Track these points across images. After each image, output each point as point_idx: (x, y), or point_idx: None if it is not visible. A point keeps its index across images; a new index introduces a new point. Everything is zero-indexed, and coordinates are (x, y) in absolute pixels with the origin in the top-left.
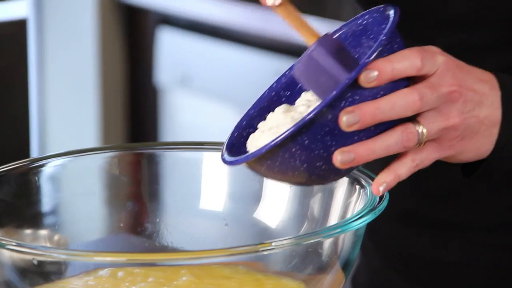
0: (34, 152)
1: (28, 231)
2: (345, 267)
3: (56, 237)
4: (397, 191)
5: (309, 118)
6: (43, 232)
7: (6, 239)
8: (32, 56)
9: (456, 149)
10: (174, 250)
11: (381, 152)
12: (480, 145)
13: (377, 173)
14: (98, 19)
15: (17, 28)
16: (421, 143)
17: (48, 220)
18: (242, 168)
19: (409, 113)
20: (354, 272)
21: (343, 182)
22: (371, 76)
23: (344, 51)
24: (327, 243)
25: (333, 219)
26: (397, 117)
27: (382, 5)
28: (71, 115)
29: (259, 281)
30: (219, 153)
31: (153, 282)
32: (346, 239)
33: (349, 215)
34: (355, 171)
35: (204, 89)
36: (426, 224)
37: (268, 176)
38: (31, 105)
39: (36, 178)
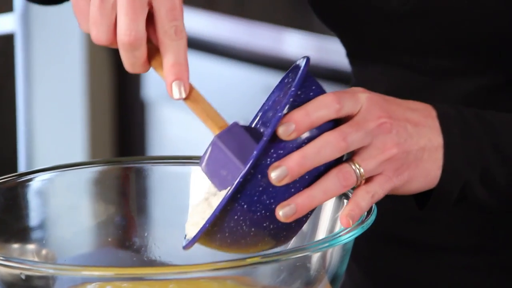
0: (22, 166)
1: (15, 246)
2: (333, 281)
3: (43, 252)
4: (379, 213)
5: (239, 181)
6: (30, 247)
7: None
8: (19, 70)
9: (405, 178)
10: (162, 264)
11: (321, 197)
12: (427, 171)
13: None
14: (85, 33)
15: (4, 42)
16: (361, 180)
17: (35, 234)
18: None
19: (337, 155)
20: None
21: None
22: (289, 129)
23: (257, 131)
24: (316, 257)
25: (321, 233)
26: (325, 161)
27: (299, 59)
28: (59, 129)
29: None
30: None
31: None
32: (334, 254)
33: (337, 229)
34: None
35: None
36: (403, 245)
37: (227, 250)
38: (19, 119)
39: (24, 193)
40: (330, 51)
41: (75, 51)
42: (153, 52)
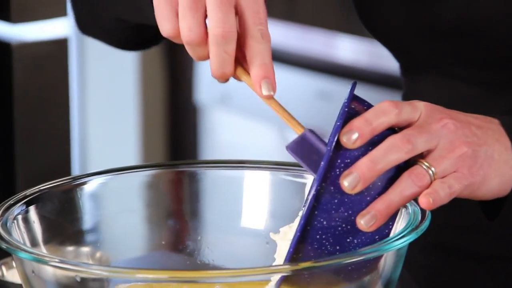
0: (76, 170)
1: (70, 248)
2: (386, 286)
3: (98, 254)
4: (432, 222)
5: (313, 196)
6: (85, 249)
7: (49, 255)
8: (73, 75)
9: (480, 176)
10: (215, 268)
11: (398, 199)
12: (501, 170)
13: None
14: None
15: (58, 46)
16: (433, 178)
17: (90, 237)
18: (284, 185)
19: (404, 157)
20: None
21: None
22: (353, 137)
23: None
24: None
25: None
26: (393, 163)
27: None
28: (112, 133)
29: None
30: (260, 172)
31: None
32: (388, 259)
33: (391, 235)
34: None
35: (243, 107)
36: (457, 255)
37: (315, 283)
38: (72, 123)
39: (78, 196)
40: (382, 56)
41: (128, 55)
42: (236, 60)
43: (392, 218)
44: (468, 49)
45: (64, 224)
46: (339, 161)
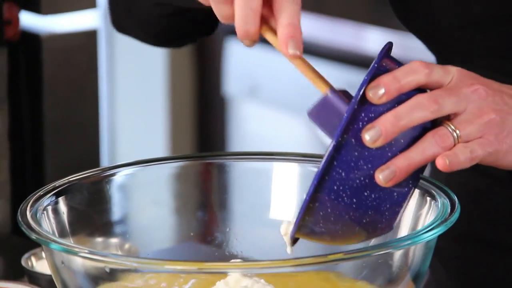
0: (104, 161)
1: (99, 239)
2: (415, 279)
3: (126, 246)
4: (462, 213)
5: (333, 146)
6: (114, 241)
7: (79, 246)
8: (102, 67)
9: (507, 142)
10: (243, 259)
11: (419, 158)
12: None
13: None
14: None
15: (88, 38)
16: (457, 141)
17: (118, 228)
18: (311, 177)
19: (429, 116)
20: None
21: (413, 194)
22: (379, 93)
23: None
24: (398, 254)
25: (404, 230)
26: (418, 122)
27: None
28: (140, 124)
29: (331, 280)
30: (288, 164)
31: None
32: (416, 251)
33: (419, 226)
34: (424, 182)
35: (272, 99)
36: (488, 246)
37: (330, 233)
38: (101, 115)
39: (107, 187)
40: (412, 48)
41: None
42: (262, 20)
43: (413, 178)
44: (499, 38)
45: (93, 215)
46: (363, 115)
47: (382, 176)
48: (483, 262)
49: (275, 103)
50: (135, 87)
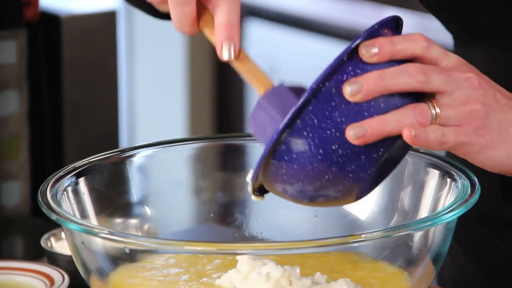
0: (123, 142)
1: (119, 220)
2: (435, 260)
3: (146, 227)
4: (482, 194)
5: (311, 89)
6: (133, 221)
7: (98, 227)
8: (122, 48)
9: (485, 140)
10: (263, 240)
11: (394, 125)
12: None
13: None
14: None
15: (107, 19)
16: (435, 122)
17: (138, 209)
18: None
19: (414, 85)
20: (441, 268)
21: (433, 175)
22: (372, 51)
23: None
24: (418, 236)
25: (424, 212)
26: (401, 87)
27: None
28: (160, 105)
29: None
30: None
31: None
32: (436, 232)
33: (439, 208)
34: (444, 164)
35: (291, 79)
36: (508, 227)
37: (291, 184)
38: (121, 96)
39: (127, 168)
40: (431, 29)
41: None
42: (203, 13)
43: (384, 147)
44: None
45: (113, 196)
46: (349, 68)
47: (353, 132)
48: (501, 244)
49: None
50: (154, 67)
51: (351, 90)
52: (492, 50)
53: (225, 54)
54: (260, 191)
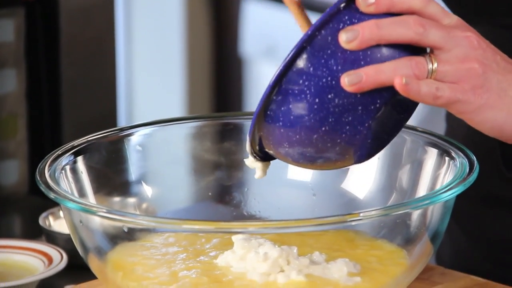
0: (122, 121)
1: (117, 199)
2: (433, 238)
3: (144, 205)
4: (481, 173)
5: (306, 35)
6: (131, 200)
7: (97, 206)
8: (120, 26)
9: (483, 99)
10: (261, 219)
11: (389, 74)
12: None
13: None
14: None
15: None
16: (431, 76)
17: (136, 188)
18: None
19: (411, 36)
20: (439, 247)
21: (432, 153)
22: (369, 1)
23: None
24: (416, 214)
25: (422, 190)
26: (398, 38)
27: None
28: (158, 84)
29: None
30: None
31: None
32: (435, 211)
33: (438, 186)
34: (443, 142)
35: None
36: (506, 206)
37: (288, 139)
38: (119, 74)
39: (125, 147)
40: None
41: (175, 6)
42: None
43: (382, 98)
44: None
45: (111, 175)
46: (346, 17)
47: (347, 79)
48: (499, 223)
49: None
50: (153, 46)
51: (346, 37)
52: (492, 28)
53: None
54: (261, 157)
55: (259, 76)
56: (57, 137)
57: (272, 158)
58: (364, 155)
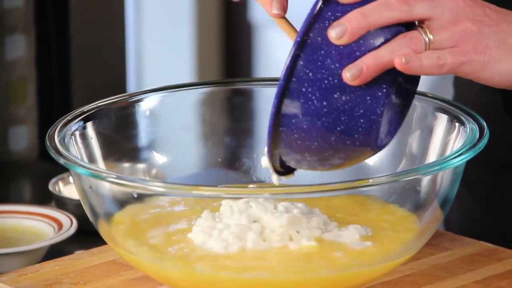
0: (131, 87)
1: (126, 165)
2: (443, 204)
3: (153, 171)
4: (490, 138)
5: (297, 43)
6: (141, 166)
7: (106, 171)
8: None
9: (485, 53)
10: (271, 185)
11: (388, 57)
12: None
13: None
14: None
15: None
16: (429, 48)
17: (145, 154)
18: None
19: (398, 15)
20: (448, 213)
21: (442, 119)
22: None
23: None
24: (426, 180)
25: (432, 156)
26: (385, 21)
27: None
28: (167, 50)
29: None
30: None
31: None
32: (445, 177)
33: (448, 152)
34: (453, 108)
35: (299, 25)
36: None
37: (307, 148)
38: (128, 39)
39: (134, 112)
40: None
41: None
42: None
43: (388, 82)
44: None
45: (120, 140)
46: (329, 13)
47: (349, 73)
48: (509, 187)
49: None
50: (162, 12)
51: (336, 34)
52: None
53: (275, 9)
54: (284, 172)
55: (269, 41)
56: (67, 102)
57: (295, 168)
58: (385, 139)
